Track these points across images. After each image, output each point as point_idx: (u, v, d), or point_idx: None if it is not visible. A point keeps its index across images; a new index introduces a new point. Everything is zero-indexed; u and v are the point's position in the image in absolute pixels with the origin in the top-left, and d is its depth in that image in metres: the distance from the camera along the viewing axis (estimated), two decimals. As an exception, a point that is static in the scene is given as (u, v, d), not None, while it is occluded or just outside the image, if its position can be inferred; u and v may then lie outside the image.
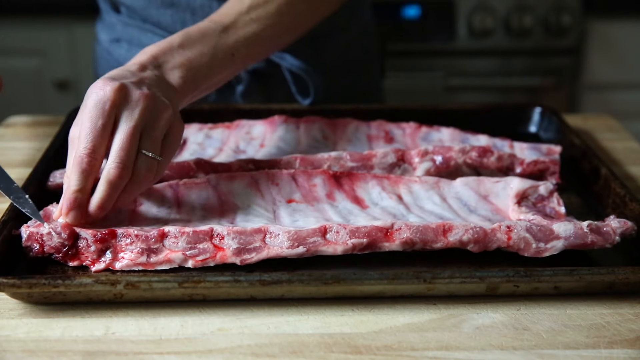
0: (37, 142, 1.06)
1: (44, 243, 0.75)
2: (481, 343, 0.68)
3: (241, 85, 1.14)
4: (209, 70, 0.86)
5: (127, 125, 0.75)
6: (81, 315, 0.71)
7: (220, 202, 0.84)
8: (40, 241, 0.75)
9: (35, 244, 0.75)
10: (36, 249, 0.75)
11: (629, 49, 2.08)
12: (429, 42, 2.04)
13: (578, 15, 2.00)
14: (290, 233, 0.75)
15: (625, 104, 2.12)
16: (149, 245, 0.75)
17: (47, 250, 0.75)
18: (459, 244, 0.77)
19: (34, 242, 0.75)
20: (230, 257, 0.74)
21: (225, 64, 0.89)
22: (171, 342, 0.68)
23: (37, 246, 0.75)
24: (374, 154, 0.94)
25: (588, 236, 0.77)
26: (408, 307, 0.73)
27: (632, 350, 0.67)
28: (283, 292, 0.73)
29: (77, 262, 0.75)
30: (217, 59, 0.87)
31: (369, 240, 0.76)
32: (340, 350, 0.67)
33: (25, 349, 0.67)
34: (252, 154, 0.99)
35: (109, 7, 1.20)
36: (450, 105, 1.16)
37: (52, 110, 2.01)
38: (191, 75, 0.84)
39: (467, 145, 0.94)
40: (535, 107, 1.14)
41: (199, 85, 0.86)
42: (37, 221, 0.76)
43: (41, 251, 0.75)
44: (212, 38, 0.87)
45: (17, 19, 1.99)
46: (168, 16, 1.12)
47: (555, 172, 0.94)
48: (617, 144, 1.12)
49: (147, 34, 1.15)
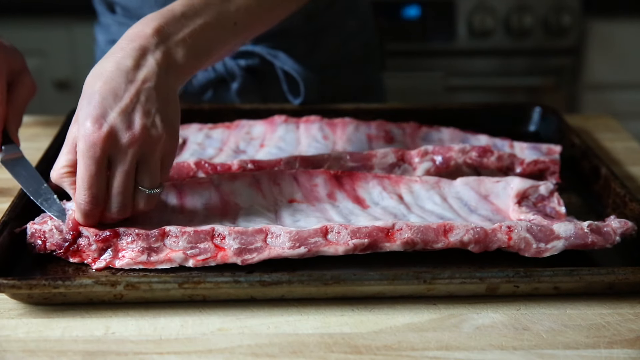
0: (37, 142, 1.06)
1: (46, 240, 0.75)
2: (481, 343, 0.68)
3: (236, 82, 1.14)
4: (212, 44, 0.83)
5: (120, 169, 0.74)
6: (81, 315, 0.71)
7: (223, 201, 0.84)
8: (43, 238, 0.75)
9: (38, 241, 0.76)
10: (39, 245, 0.76)
11: (629, 49, 2.08)
12: (429, 42, 2.04)
13: (578, 15, 2.00)
14: (292, 233, 0.75)
15: (625, 104, 2.12)
16: (149, 244, 0.75)
17: (49, 247, 0.75)
18: (460, 244, 0.77)
19: (37, 239, 0.76)
20: (231, 257, 0.74)
21: (228, 35, 0.85)
22: (171, 342, 0.68)
23: (39, 242, 0.76)
24: (374, 154, 0.94)
25: (588, 236, 0.77)
26: (408, 307, 0.73)
27: (632, 350, 0.67)
28: (283, 293, 0.73)
29: (78, 259, 0.75)
30: (219, 29, 0.83)
31: (370, 241, 0.76)
32: (340, 350, 0.67)
33: (25, 349, 0.67)
34: (252, 154, 0.99)
35: (105, 8, 1.20)
36: (450, 105, 1.16)
37: (52, 110, 2.00)
38: (195, 52, 0.81)
39: (467, 145, 0.94)
40: (535, 107, 1.14)
41: (203, 61, 0.83)
42: (44, 218, 0.77)
43: (43, 248, 0.76)
44: (215, 6, 0.83)
45: (17, 19, 1.99)
46: None
47: (555, 172, 0.94)
48: (617, 144, 1.12)
49: None
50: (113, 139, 0.73)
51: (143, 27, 0.78)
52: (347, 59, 1.23)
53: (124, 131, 0.73)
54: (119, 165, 0.74)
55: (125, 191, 0.75)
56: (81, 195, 0.73)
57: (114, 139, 0.73)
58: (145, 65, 0.76)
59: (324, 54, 1.19)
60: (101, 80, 0.75)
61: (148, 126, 0.74)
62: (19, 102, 0.90)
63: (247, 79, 1.15)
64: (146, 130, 0.74)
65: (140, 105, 0.74)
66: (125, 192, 0.75)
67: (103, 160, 0.73)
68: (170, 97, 0.78)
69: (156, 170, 0.76)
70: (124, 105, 0.74)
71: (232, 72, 1.14)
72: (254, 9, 0.87)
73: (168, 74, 0.78)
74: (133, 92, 0.74)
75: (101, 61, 0.77)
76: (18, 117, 0.90)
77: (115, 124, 0.73)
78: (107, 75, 0.75)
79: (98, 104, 0.73)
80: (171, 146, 0.77)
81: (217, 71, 1.14)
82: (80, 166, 0.73)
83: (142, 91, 0.75)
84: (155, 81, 0.76)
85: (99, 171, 0.73)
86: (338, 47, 1.21)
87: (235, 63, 1.14)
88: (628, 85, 2.13)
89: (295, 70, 1.10)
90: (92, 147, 0.72)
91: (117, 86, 0.74)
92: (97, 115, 0.73)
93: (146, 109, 0.75)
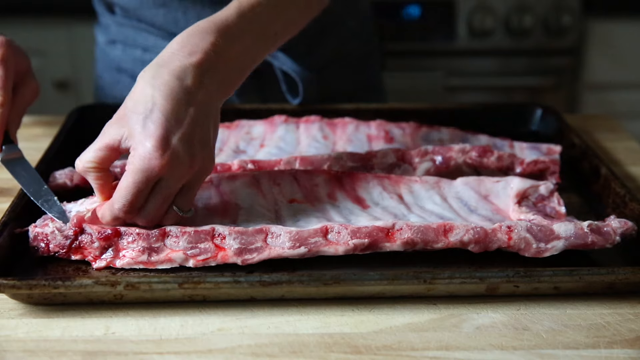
0: (37, 142, 1.06)
1: (49, 242, 0.76)
2: (481, 343, 0.68)
3: None
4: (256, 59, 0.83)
5: (166, 192, 0.73)
6: (81, 315, 0.71)
7: (223, 201, 0.84)
8: (46, 240, 0.76)
9: (41, 244, 0.76)
10: (42, 248, 0.76)
11: (629, 49, 2.08)
12: (429, 42, 2.04)
13: (578, 15, 2.01)
14: (292, 233, 0.75)
15: (625, 104, 2.12)
16: (150, 244, 0.75)
17: (52, 249, 0.76)
18: (460, 244, 0.77)
19: (39, 242, 0.76)
20: (232, 257, 0.75)
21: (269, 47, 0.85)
22: (171, 342, 0.68)
23: (42, 245, 0.76)
24: (374, 154, 0.94)
25: (588, 236, 0.77)
26: (408, 307, 0.73)
27: (632, 350, 0.67)
28: (283, 293, 0.73)
29: (80, 256, 0.76)
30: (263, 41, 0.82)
31: (370, 241, 0.76)
32: (340, 350, 0.67)
33: (25, 349, 0.67)
34: (252, 154, 0.99)
35: (104, 9, 1.20)
36: (450, 105, 1.16)
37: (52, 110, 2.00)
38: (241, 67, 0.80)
39: (467, 145, 0.94)
40: (535, 107, 1.14)
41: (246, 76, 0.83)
42: (45, 220, 0.77)
43: (47, 250, 0.76)
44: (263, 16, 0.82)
45: (17, 19, 1.99)
46: (161, 16, 1.12)
47: (555, 172, 0.94)
48: (617, 144, 1.12)
49: (142, 33, 1.15)
50: (172, 167, 0.72)
51: (200, 41, 0.76)
52: (347, 59, 1.23)
53: (184, 162, 0.72)
54: (165, 188, 0.73)
55: (161, 209, 0.75)
56: (120, 202, 0.73)
57: (173, 167, 0.72)
58: (203, 86, 0.75)
59: (323, 54, 1.19)
60: (161, 93, 0.73)
61: (205, 158, 0.75)
62: (21, 104, 0.90)
63: (246, 80, 1.15)
64: (202, 162, 0.74)
65: (199, 130, 0.74)
66: (161, 210, 0.75)
67: (153, 182, 0.73)
68: (217, 118, 0.78)
69: (194, 195, 0.77)
70: (185, 131, 0.73)
71: None
72: (294, 18, 0.87)
73: (219, 91, 0.77)
74: (193, 115, 0.73)
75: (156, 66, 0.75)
76: (18, 119, 0.91)
77: (177, 152, 0.72)
78: (168, 89, 0.73)
79: (161, 125, 0.72)
80: (210, 171, 0.78)
81: None
82: (130, 179, 0.72)
83: (200, 115, 0.74)
84: (211, 104, 0.76)
85: (147, 190, 0.73)
86: (338, 47, 1.21)
87: None
88: (628, 85, 2.13)
89: (294, 71, 1.10)
90: (149, 170, 0.71)
91: (178, 107, 0.73)
92: (160, 137, 0.71)
93: (203, 138, 0.74)
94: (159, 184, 0.73)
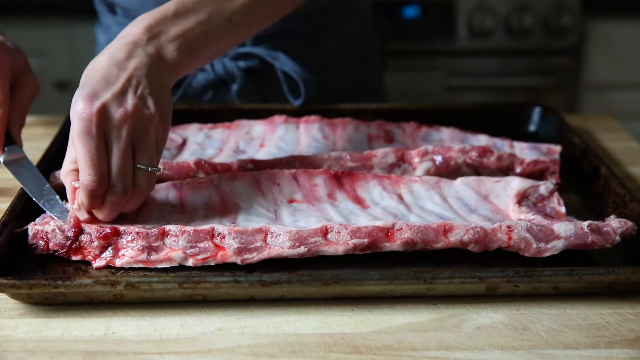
0: (37, 142, 1.06)
1: (48, 240, 0.75)
2: (481, 343, 0.68)
3: (236, 84, 1.14)
4: (206, 41, 0.84)
5: (117, 146, 0.75)
6: (81, 315, 0.71)
7: (223, 201, 0.84)
8: (45, 238, 0.75)
9: (41, 241, 0.76)
10: (41, 246, 0.76)
11: (629, 49, 2.08)
12: (429, 42, 2.04)
13: (578, 15, 2.01)
14: (292, 233, 0.75)
15: (625, 104, 2.12)
16: (149, 243, 0.75)
17: (51, 247, 0.76)
18: (460, 244, 0.77)
19: (39, 240, 0.76)
20: (231, 257, 0.75)
21: (223, 31, 0.86)
22: (171, 342, 0.68)
23: (42, 243, 0.76)
24: (374, 154, 0.94)
25: (588, 236, 0.77)
26: (408, 307, 0.73)
27: (632, 350, 0.67)
28: (283, 293, 0.73)
29: (80, 257, 0.76)
30: (213, 25, 0.84)
31: (370, 241, 0.76)
32: (340, 350, 0.67)
33: (25, 349, 0.67)
34: (252, 154, 0.99)
35: (105, 9, 1.20)
36: (450, 105, 1.16)
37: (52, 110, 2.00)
38: (187, 48, 0.82)
39: (467, 145, 0.94)
40: (535, 107, 1.14)
41: (197, 57, 0.84)
42: (44, 219, 0.78)
43: (46, 248, 0.76)
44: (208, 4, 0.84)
45: (17, 19, 1.99)
46: None
47: (555, 172, 0.94)
48: (617, 144, 1.12)
49: None
50: (106, 114, 0.74)
51: (134, 27, 0.81)
52: (347, 59, 1.23)
53: (116, 108, 0.75)
54: (115, 142, 0.74)
55: (125, 169, 0.75)
56: (85, 175, 0.74)
57: (107, 115, 0.74)
58: (136, 56, 0.78)
59: (324, 55, 1.19)
60: (94, 72, 0.77)
61: (140, 105, 0.76)
62: (22, 103, 0.90)
63: (247, 81, 1.15)
64: (138, 108, 0.76)
65: (132, 88, 0.76)
66: (125, 170, 0.75)
67: (99, 135, 0.74)
68: (162, 88, 0.79)
69: (152, 148, 0.77)
70: (116, 89, 0.76)
71: (232, 74, 1.14)
72: (251, 6, 0.88)
73: (159, 67, 0.79)
74: (124, 78, 0.76)
75: (95, 58, 0.79)
76: (21, 118, 0.91)
77: (107, 101, 0.75)
78: (100, 66, 0.77)
79: (90, 87, 0.75)
80: (164, 131, 0.79)
81: (217, 72, 1.14)
82: (79, 146, 0.74)
83: (134, 77, 0.77)
84: (147, 70, 0.78)
85: (98, 147, 0.74)
86: (338, 47, 1.21)
87: (234, 64, 1.14)
88: (628, 85, 2.13)
89: (295, 72, 1.10)
90: (86, 123, 0.73)
91: (109, 74, 0.76)
92: (88, 95, 0.74)
93: (138, 91, 0.76)
94: (109, 144, 0.74)
